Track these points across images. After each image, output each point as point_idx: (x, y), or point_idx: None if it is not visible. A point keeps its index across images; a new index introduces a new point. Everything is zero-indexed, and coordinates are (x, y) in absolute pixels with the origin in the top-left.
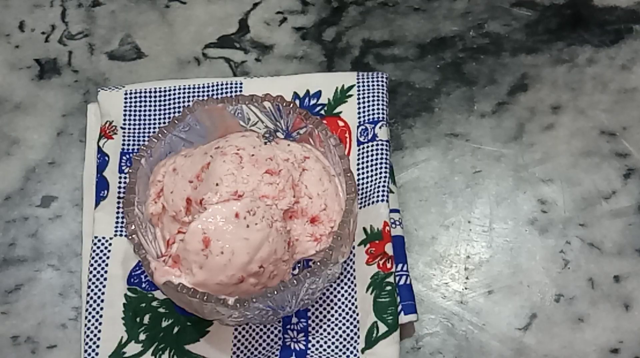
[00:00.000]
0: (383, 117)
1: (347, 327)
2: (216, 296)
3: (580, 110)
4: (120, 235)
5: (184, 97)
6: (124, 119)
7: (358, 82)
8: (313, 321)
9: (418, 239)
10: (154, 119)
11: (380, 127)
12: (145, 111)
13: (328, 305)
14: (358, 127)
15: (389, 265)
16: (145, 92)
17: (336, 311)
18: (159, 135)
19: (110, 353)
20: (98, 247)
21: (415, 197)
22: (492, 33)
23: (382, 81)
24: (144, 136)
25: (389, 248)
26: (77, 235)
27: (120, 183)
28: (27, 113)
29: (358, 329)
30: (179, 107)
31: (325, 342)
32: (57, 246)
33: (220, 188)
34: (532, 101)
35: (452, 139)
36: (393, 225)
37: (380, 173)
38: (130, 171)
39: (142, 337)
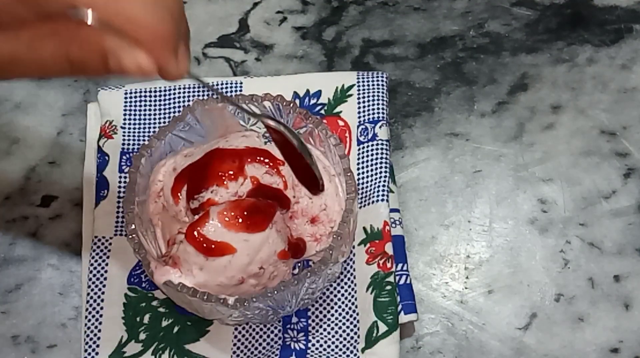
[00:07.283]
0: (383, 117)
1: (347, 327)
2: (216, 296)
3: (580, 110)
4: (120, 235)
5: (184, 97)
6: (124, 119)
7: (358, 82)
8: (313, 320)
9: (418, 238)
10: (154, 119)
11: (380, 127)
12: (145, 110)
13: (328, 304)
14: (358, 126)
15: (389, 265)
16: (145, 91)
17: (336, 311)
18: (159, 134)
19: (111, 352)
20: (98, 247)
21: (415, 197)
22: (492, 33)
23: (382, 81)
24: (144, 136)
25: (389, 248)
26: (77, 234)
27: (120, 182)
28: (27, 113)
29: (358, 329)
30: (179, 107)
31: (325, 342)
32: (57, 246)
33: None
34: (532, 101)
35: (452, 138)
36: (393, 225)
37: (380, 172)
38: (130, 170)
39: (142, 336)
